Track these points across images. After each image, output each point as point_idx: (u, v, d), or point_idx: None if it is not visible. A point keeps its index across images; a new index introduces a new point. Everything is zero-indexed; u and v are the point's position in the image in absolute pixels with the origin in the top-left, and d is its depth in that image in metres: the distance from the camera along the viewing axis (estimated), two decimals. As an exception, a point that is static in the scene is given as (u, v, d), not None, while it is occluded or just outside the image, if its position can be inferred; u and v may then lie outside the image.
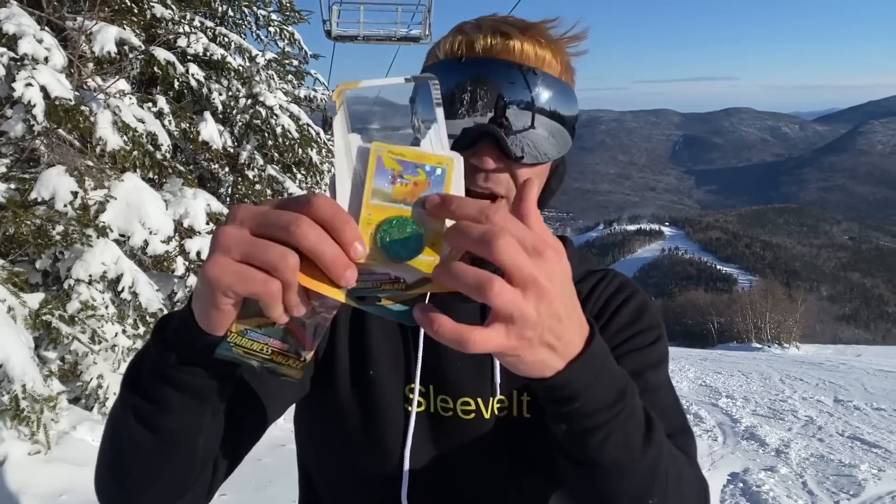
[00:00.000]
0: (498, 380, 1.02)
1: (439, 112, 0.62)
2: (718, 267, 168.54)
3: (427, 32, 11.67)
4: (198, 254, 5.59)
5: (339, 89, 0.60)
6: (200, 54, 7.23)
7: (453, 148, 0.87)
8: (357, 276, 0.55)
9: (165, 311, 5.23)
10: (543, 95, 0.92)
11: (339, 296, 0.57)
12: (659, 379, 1.02)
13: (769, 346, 36.37)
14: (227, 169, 8.01)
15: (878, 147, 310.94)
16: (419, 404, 1.02)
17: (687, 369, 13.68)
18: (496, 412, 1.02)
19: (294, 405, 1.08)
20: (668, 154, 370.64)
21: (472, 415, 1.01)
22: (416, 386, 1.01)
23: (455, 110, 0.91)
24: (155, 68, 6.05)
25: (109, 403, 4.94)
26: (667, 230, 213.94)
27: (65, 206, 4.47)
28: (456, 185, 0.60)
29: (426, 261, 0.59)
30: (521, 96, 0.91)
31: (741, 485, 5.47)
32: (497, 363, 1.02)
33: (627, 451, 0.71)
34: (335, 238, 0.54)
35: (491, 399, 1.02)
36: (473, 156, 0.91)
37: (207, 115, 7.08)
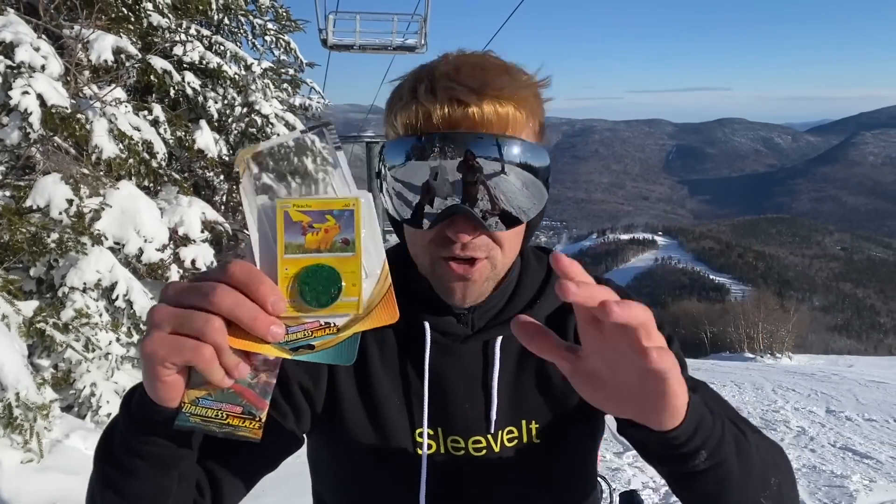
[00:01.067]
0: (494, 416, 1.04)
1: (340, 155, 0.65)
2: (711, 276, 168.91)
3: (423, 42, 11.72)
4: (192, 262, 5.60)
5: (242, 156, 0.63)
6: (196, 62, 7.26)
7: (428, 224, 0.91)
8: (284, 330, 0.59)
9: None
10: (511, 160, 0.89)
11: (272, 351, 0.61)
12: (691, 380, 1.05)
13: (762, 357, 36.41)
14: (222, 177, 8.02)
15: (870, 158, 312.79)
16: (430, 447, 1.03)
17: (680, 379, 13.70)
18: (506, 443, 1.04)
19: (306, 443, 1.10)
20: (661, 164, 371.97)
21: (484, 451, 1.04)
22: (425, 430, 1.03)
23: (421, 188, 0.90)
24: (151, 77, 6.07)
25: (102, 412, 4.93)
26: (660, 239, 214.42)
27: (60, 213, 4.47)
28: (367, 222, 0.62)
29: (349, 302, 0.62)
30: (487, 167, 0.88)
31: (734, 495, 5.49)
32: (495, 401, 1.04)
33: (742, 465, 0.81)
34: (253, 298, 0.58)
35: (500, 432, 1.04)
36: (449, 228, 0.91)
37: (203, 123, 7.09)
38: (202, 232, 5.71)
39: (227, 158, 7.86)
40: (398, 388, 1.05)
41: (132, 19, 6.36)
